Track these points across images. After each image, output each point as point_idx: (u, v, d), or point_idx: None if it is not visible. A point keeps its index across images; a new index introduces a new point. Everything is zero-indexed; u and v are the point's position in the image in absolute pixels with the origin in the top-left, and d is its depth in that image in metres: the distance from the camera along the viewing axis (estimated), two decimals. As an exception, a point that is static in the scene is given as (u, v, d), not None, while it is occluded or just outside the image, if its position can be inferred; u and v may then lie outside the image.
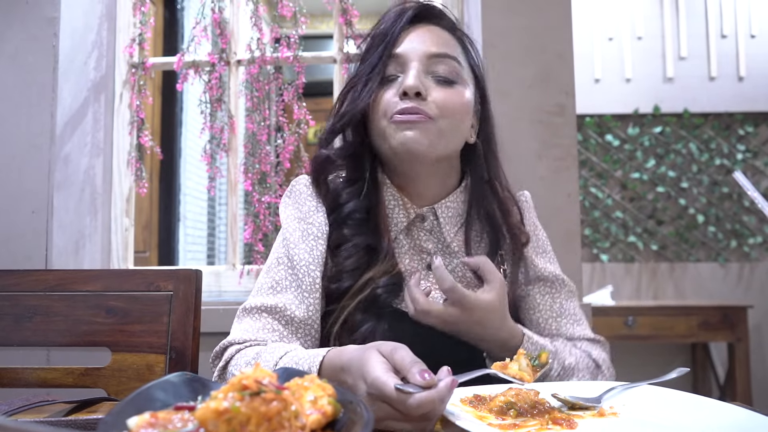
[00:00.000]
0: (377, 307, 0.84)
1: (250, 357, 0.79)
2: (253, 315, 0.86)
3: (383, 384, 0.57)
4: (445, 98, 0.87)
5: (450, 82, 0.89)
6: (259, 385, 0.40)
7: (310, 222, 0.92)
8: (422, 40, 0.90)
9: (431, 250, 0.93)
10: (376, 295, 0.84)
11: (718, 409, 0.64)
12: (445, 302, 0.83)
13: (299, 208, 0.94)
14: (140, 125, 1.82)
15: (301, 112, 1.76)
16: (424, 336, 0.84)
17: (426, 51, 0.89)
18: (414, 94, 0.85)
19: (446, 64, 0.89)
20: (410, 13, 0.92)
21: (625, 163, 3.35)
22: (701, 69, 3.33)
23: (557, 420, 0.62)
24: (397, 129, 0.86)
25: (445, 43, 0.91)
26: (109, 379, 0.98)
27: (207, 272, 1.73)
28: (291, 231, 0.91)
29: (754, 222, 3.29)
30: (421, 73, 0.88)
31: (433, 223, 0.94)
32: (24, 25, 1.60)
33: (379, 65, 0.89)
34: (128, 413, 0.41)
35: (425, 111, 0.86)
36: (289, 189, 0.98)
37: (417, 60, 0.88)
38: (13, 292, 1.02)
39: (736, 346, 2.78)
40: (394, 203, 0.93)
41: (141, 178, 1.81)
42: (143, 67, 1.83)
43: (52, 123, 1.58)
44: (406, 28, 0.91)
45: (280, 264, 0.89)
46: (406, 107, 0.85)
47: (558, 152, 1.57)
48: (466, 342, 0.86)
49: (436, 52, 0.89)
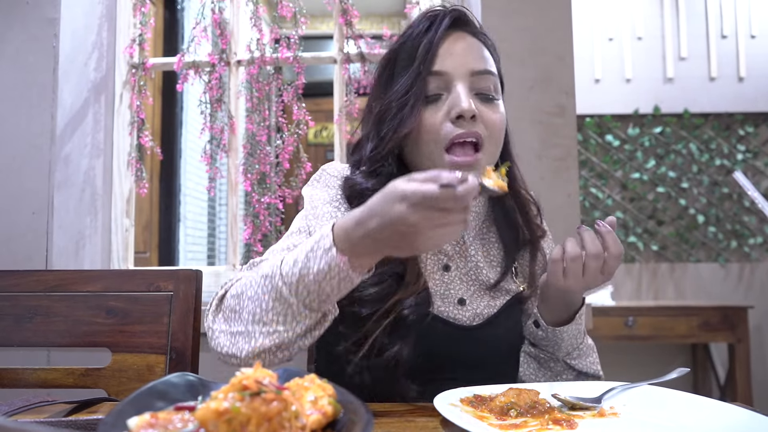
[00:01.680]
0: (404, 327, 0.81)
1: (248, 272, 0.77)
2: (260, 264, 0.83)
3: (428, 187, 0.57)
4: (493, 118, 0.86)
5: (492, 98, 0.87)
6: (259, 385, 0.40)
7: (336, 206, 0.89)
8: (463, 55, 0.86)
9: (449, 251, 0.92)
10: (403, 317, 0.81)
11: (718, 410, 0.64)
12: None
13: (327, 191, 0.91)
14: (140, 126, 1.82)
15: (300, 112, 1.76)
16: (439, 334, 0.85)
17: (470, 68, 0.86)
18: (470, 117, 0.83)
19: (488, 81, 0.87)
20: (447, 22, 0.87)
21: (626, 163, 3.35)
22: (701, 69, 3.33)
23: (557, 420, 0.62)
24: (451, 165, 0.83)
25: (484, 57, 0.88)
26: (110, 380, 0.98)
27: (207, 273, 1.73)
28: (319, 209, 0.89)
29: (754, 222, 3.29)
30: (468, 92, 0.85)
31: None
32: (24, 25, 1.60)
33: (419, 83, 0.85)
34: (128, 414, 0.41)
35: (478, 133, 0.84)
36: (318, 174, 0.95)
37: (463, 79, 0.85)
38: (13, 292, 1.02)
39: (737, 346, 2.78)
40: None
41: (141, 178, 1.81)
42: (143, 67, 1.83)
43: (52, 124, 1.58)
44: (441, 38, 0.87)
45: (302, 233, 0.87)
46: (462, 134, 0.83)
47: (558, 152, 1.58)
48: (492, 352, 0.88)
49: (480, 69, 0.86)
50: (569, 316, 0.86)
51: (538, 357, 0.91)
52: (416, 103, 0.84)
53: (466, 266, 0.92)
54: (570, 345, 0.88)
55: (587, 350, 0.91)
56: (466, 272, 0.92)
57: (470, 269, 0.92)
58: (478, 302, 0.90)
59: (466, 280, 0.91)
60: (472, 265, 0.92)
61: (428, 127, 0.84)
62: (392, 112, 0.86)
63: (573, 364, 0.89)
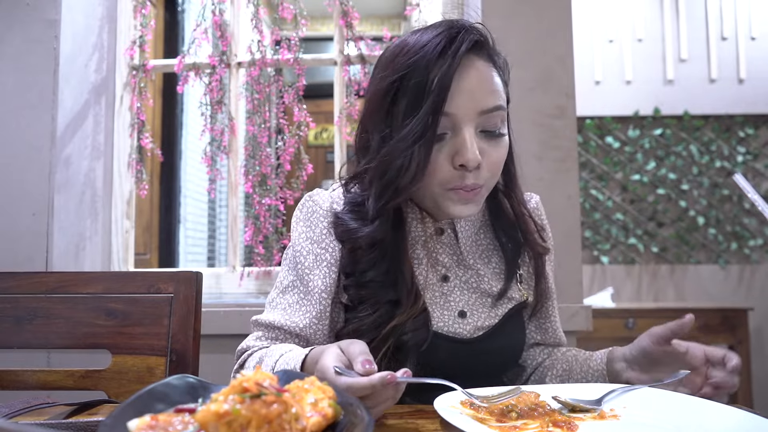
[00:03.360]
0: (403, 353, 0.81)
1: (257, 359, 0.81)
2: (267, 329, 0.87)
3: (326, 368, 0.62)
4: (496, 159, 0.83)
5: (499, 135, 0.83)
6: (259, 387, 0.40)
7: (323, 247, 0.88)
8: (474, 93, 0.80)
9: (446, 262, 0.91)
10: (402, 342, 0.81)
11: (718, 412, 0.64)
12: None
13: (312, 228, 0.89)
14: (141, 127, 1.82)
15: (301, 114, 1.76)
16: (440, 349, 0.85)
17: (479, 109, 0.80)
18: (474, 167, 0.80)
19: (495, 118, 0.81)
20: (464, 48, 0.79)
21: (626, 165, 3.35)
22: (701, 71, 3.33)
23: (558, 422, 0.62)
24: (452, 203, 0.83)
25: (495, 91, 0.82)
26: (110, 382, 0.98)
27: (207, 274, 1.73)
28: (304, 254, 0.88)
29: (754, 224, 3.29)
30: (474, 135, 0.80)
31: (450, 237, 0.92)
32: (25, 27, 1.60)
33: (431, 126, 0.78)
34: (129, 415, 0.41)
35: (479, 185, 0.82)
36: (301, 203, 0.93)
37: (470, 121, 0.80)
38: (13, 294, 1.02)
39: (737, 348, 2.78)
40: (414, 220, 0.91)
41: (141, 180, 1.81)
42: (144, 69, 1.83)
43: (52, 125, 1.58)
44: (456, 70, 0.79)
45: (294, 289, 0.88)
46: (465, 186, 0.81)
47: (558, 154, 1.58)
48: (494, 362, 0.89)
49: (489, 108, 0.80)
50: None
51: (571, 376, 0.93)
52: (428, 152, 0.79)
53: (465, 275, 0.91)
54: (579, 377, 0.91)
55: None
56: (466, 281, 0.91)
57: (470, 277, 0.91)
58: (479, 314, 0.89)
59: (466, 289, 0.90)
60: (472, 273, 0.91)
61: (431, 171, 0.80)
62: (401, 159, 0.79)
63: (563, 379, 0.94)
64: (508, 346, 0.91)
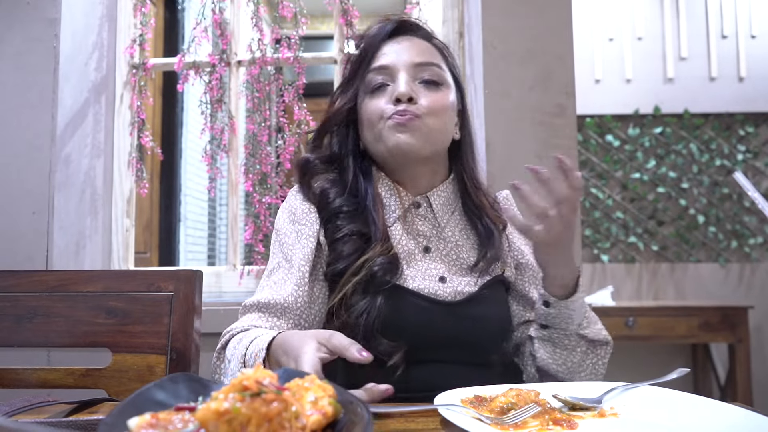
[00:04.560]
0: (374, 286, 0.89)
1: (237, 341, 0.87)
2: (252, 311, 0.93)
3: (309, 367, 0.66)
4: (432, 100, 0.96)
5: (436, 84, 0.98)
6: (259, 385, 0.40)
7: (303, 223, 0.98)
8: (406, 50, 0.99)
9: (426, 233, 0.99)
10: (372, 274, 0.89)
11: (718, 410, 0.64)
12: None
13: (293, 212, 1.00)
14: (141, 126, 1.82)
15: (301, 112, 1.76)
16: (420, 309, 0.90)
17: (411, 60, 0.97)
18: (406, 99, 0.93)
19: (430, 71, 0.98)
20: (389, 26, 1.01)
21: (626, 163, 3.35)
22: (702, 69, 3.33)
23: (558, 420, 0.62)
24: (391, 132, 0.94)
25: (427, 52, 1.00)
26: (110, 380, 0.98)
27: (207, 273, 1.73)
28: (287, 234, 0.98)
29: (754, 222, 3.29)
30: (410, 80, 0.96)
31: (426, 210, 1.00)
32: (25, 26, 1.60)
33: (367, 74, 0.99)
34: (129, 414, 0.41)
35: (415, 112, 0.93)
36: (287, 197, 1.05)
37: (404, 69, 0.97)
38: (13, 292, 1.02)
39: (737, 346, 2.78)
40: (389, 193, 0.99)
41: (141, 178, 1.81)
42: (144, 67, 1.83)
43: (52, 124, 1.58)
44: (387, 41, 1.00)
45: (280, 267, 0.96)
46: (399, 110, 0.93)
47: (558, 153, 1.57)
48: (476, 330, 0.92)
49: (421, 61, 0.98)
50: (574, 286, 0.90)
51: (551, 338, 0.93)
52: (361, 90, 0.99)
53: (446, 247, 0.98)
54: (580, 315, 0.91)
55: (594, 318, 0.95)
56: (447, 253, 0.98)
57: (450, 250, 0.98)
58: (458, 280, 0.95)
59: (446, 260, 0.97)
60: (451, 245, 0.99)
61: (373, 110, 0.96)
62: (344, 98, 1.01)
63: (585, 334, 0.92)
64: (490, 315, 0.95)
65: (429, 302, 0.91)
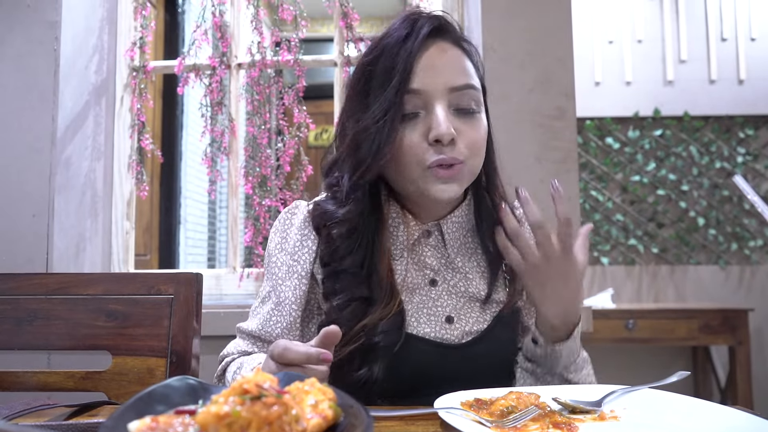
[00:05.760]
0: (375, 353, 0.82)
1: (237, 365, 0.87)
2: (246, 337, 0.93)
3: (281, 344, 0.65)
4: (474, 137, 0.84)
5: (473, 113, 0.84)
6: (259, 389, 0.40)
7: (296, 259, 0.89)
8: (441, 70, 0.83)
9: (434, 265, 0.91)
10: (373, 344, 0.81)
11: (719, 413, 0.64)
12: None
13: (286, 239, 0.92)
14: (141, 128, 1.83)
15: (301, 115, 1.76)
16: (426, 354, 0.85)
17: (449, 85, 0.83)
18: (448, 141, 0.81)
19: (468, 95, 0.84)
20: (425, 31, 0.83)
21: (626, 166, 3.35)
22: (701, 72, 3.33)
23: (558, 424, 0.62)
24: (433, 183, 0.82)
25: (465, 71, 0.85)
26: (110, 383, 0.98)
27: (207, 275, 1.73)
28: (278, 265, 0.91)
29: (754, 225, 3.29)
30: (447, 112, 0.82)
31: (437, 239, 0.92)
32: (25, 28, 1.60)
33: (396, 104, 0.81)
34: (129, 417, 0.41)
35: (459, 159, 0.82)
36: (280, 215, 0.95)
37: (441, 97, 0.82)
38: (13, 295, 1.02)
39: (737, 349, 2.77)
40: (397, 221, 0.90)
41: (142, 181, 1.82)
42: (144, 70, 1.83)
43: (53, 126, 1.58)
44: (420, 51, 0.83)
45: (270, 299, 0.91)
46: (442, 158, 0.81)
47: (558, 155, 1.58)
48: (483, 368, 0.87)
49: (459, 85, 0.83)
50: (567, 332, 0.84)
51: (534, 372, 0.89)
52: (393, 127, 0.81)
53: (453, 278, 0.91)
54: (567, 360, 0.86)
55: (582, 363, 0.89)
56: (454, 285, 0.90)
57: (458, 281, 0.91)
58: (467, 318, 0.89)
59: (454, 293, 0.90)
60: (460, 277, 0.91)
61: (407, 149, 0.82)
62: (370, 136, 0.82)
63: (569, 378, 0.87)
64: (498, 351, 0.90)
65: (435, 346, 0.85)
